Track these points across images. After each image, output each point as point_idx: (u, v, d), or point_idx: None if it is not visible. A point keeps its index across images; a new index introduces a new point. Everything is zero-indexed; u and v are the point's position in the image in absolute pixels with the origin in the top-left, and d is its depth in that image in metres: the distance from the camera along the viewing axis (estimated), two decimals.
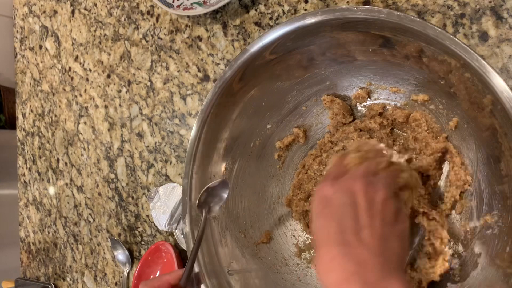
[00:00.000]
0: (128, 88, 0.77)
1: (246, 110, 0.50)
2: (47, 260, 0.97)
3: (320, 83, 0.49)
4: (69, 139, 0.90)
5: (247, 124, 0.51)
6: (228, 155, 0.51)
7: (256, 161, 0.54)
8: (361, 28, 0.39)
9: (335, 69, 0.46)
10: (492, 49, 0.42)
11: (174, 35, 0.69)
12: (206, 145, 0.49)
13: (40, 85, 0.98)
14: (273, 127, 0.53)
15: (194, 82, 0.67)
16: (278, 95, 0.50)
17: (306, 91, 0.50)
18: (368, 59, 0.43)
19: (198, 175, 0.49)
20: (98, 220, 0.84)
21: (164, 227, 0.65)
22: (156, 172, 0.73)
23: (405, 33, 0.36)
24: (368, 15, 0.36)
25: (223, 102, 0.47)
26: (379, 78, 0.46)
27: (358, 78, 0.47)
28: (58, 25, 0.92)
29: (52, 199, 0.96)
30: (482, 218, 0.39)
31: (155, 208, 0.67)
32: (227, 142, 0.51)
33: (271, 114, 0.52)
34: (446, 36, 0.33)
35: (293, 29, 0.41)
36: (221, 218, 0.51)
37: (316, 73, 0.47)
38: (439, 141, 0.42)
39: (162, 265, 0.70)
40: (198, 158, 0.48)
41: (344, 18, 0.38)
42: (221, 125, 0.49)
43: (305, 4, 0.55)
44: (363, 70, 0.46)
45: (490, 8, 0.42)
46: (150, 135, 0.73)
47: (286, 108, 0.52)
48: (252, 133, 0.53)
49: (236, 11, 0.61)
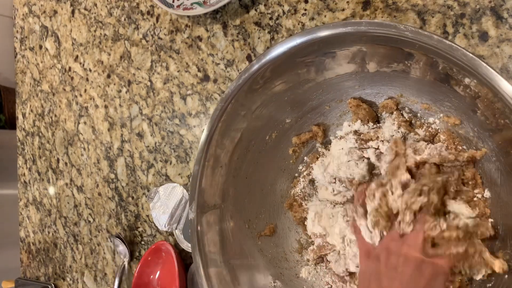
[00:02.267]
0: (128, 88, 0.77)
1: (267, 103, 0.49)
2: (47, 260, 0.97)
3: (348, 85, 0.47)
4: (69, 139, 0.90)
5: (266, 117, 0.50)
6: (242, 144, 0.51)
7: (270, 154, 0.53)
8: (404, 46, 0.37)
9: (367, 74, 0.45)
10: (492, 49, 0.42)
11: (174, 35, 0.69)
12: (221, 133, 0.48)
13: (40, 85, 0.98)
14: (292, 122, 0.52)
15: (194, 82, 0.67)
16: (303, 92, 0.49)
17: (332, 91, 0.49)
18: (405, 72, 0.42)
19: (209, 163, 0.48)
20: (98, 220, 0.84)
21: (164, 227, 0.65)
22: (156, 172, 0.73)
23: (450, 61, 0.35)
24: (414, 38, 0.35)
25: (245, 93, 0.46)
26: (411, 92, 0.44)
27: (390, 87, 0.45)
28: (58, 25, 0.92)
29: (52, 199, 0.96)
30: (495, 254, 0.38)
31: (155, 208, 0.67)
32: (243, 132, 0.50)
33: (292, 109, 0.51)
34: (494, 75, 0.32)
35: (331, 35, 0.39)
36: (227, 207, 0.51)
37: (346, 75, 0.46)
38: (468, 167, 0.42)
39: (162, 265, 0.70)
40: (212, 145, 0.47)
41: (387, 35, 0.36)
42: (239, 116, 0.48)
43: (305, 4, 0.55)
44: (396, 81, 0.44)
45: (490, 8, 0.42)
46: (150, 135, 0.73)
47: (309, 105, 0.51)
48: (270, 126, 0.52)
49: (236, 11, 0.61)
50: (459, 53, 0.33)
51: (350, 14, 0.51)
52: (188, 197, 0.65)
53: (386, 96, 0.47)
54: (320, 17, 0.54)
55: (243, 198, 0.52)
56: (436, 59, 0.36)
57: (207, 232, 0.48)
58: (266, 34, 0.59)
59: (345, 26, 0.38)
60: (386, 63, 0.41)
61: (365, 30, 0.37)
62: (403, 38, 0.35)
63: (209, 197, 0.49)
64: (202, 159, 0.47)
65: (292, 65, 0.45)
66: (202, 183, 0.48)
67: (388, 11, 0.48)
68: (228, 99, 0.46)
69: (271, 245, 0.53)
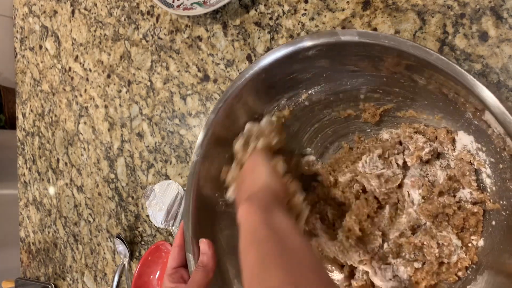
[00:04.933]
0: (128, 88, 0.77)
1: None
2: (47, 260, 0.97)
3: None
4: (69, 139, 0.90)
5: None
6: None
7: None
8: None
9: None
10: (492, 49, 0.42)
11: (174, 35, 0.69)
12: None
13: (40, 85, 0.98)
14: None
15: (194, 82, 0.67)
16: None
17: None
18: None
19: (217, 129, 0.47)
20: (98, 220, 0.84)
21: (160, 224, 0.65)
22: (156, 172, 0.73)
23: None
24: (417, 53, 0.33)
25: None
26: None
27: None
28: (58, 25, 0.92)
29: (52, 199, 0.96)
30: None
31: (151, 205, 0.67)
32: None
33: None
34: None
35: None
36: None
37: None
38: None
39: (162, 265, 0.70)
40: (221, 111, 0.46)
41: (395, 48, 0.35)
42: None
43: (305, 4, 0.55)
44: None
45: (490, 8, 0.42)
46: (150, 135, 0.73)
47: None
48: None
49: (236, 11, 0.61)
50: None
51: (350, 14, 0.51)
52: (183, 193, 0.66)
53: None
54: (320, 17, 0.54)
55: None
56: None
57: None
58: (266, 34, 0.59)
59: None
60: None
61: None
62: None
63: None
64: (210, 121, 0.46)
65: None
66: (204, 144, 0.47)
67: (388, 11, 0.48)
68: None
69: None
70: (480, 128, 0.37)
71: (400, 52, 0.34)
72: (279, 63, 0.41)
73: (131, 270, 0.76)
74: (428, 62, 0.32)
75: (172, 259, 0.45)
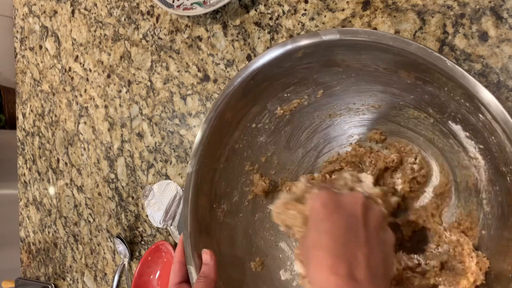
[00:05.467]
0: (128, 88, 0.77)
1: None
2: (47, 260, 0.97)
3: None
4: (69, 139, 0.90)
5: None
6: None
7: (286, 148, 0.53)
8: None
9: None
10: (492, 49, 0.42)
11: (174, 35, 0.69)
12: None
13: (40, 85, 0.98)
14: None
15: (194, 82, 0.67)
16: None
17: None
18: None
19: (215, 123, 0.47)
20: (98, 220, 0.84)
21: (159, 223, 0.65)
22: (156, 172, 0.73)
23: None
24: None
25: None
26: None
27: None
28: (58, 25, 0.92)
29: (52, 199, 0.96)
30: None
31: (150, 205, 0.67)
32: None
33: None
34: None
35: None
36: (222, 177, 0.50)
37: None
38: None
39: (162, 265, 0.70)
40: (224, 103, 0.46)
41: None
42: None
43: (305, 4, 0.55)
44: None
45: (490, 8, 0.42)
46: (150, 135, 0.73)
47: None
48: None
49: (236, 11, 0.61)
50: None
51: (350, 14, 0.51)
52: (182, 193, 0.66)
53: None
54: (320, 17, 0.54)
55: (255, 140, 0.51)
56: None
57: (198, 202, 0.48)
58: (266, 34, 0.59)
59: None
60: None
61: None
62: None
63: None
64: (210, 118, 0.46)
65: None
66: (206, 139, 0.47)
67: (388, 11, 0.48)
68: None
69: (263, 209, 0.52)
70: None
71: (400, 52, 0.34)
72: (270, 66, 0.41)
73: (131, 270, 0.76)
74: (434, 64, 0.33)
75: (174, 275, 0.44)
